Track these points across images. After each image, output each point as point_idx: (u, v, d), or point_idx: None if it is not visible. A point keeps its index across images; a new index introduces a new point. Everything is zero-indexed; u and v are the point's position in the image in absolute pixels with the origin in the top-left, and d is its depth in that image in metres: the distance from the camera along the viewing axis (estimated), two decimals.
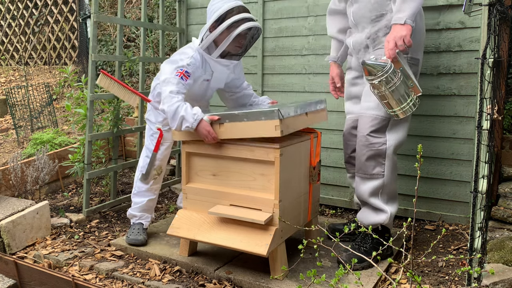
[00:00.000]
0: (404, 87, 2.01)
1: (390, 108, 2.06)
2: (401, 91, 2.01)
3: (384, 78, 1.97)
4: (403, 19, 2.03)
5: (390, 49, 2.02)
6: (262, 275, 2.18)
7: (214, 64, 2.44)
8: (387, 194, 2.31)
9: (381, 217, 2.29)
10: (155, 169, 2.60)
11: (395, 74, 1.98)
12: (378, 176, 2.26)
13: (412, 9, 2.03)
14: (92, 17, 2.86)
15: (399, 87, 2.00)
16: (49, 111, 4.73)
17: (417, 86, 2.05)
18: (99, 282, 2.26)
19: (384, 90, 2.00)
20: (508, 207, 2.54)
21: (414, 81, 2.05)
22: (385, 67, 1.97)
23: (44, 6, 6.05)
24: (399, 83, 1.99)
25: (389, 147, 2.24)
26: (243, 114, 2.10)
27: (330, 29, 2.57)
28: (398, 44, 2.01)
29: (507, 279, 1.89)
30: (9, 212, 2.65)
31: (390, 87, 1.99)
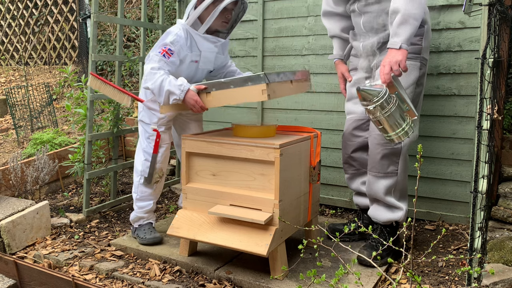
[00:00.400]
0: (399, 112, 2.02)
1: (386, 133, 2.08)
2: (396, 116, 2.01)
3: (379, 103, 1.98)
4: (398, 43, 2.03)
5: (385, 73, 2.02)
6: (262, 275, 2.18)
7: (201, 41, 2.42)
8: (400, 191, 2.35)
9: (398, 214, 2.33)
10: (156, 172, 2.59)
11: (390, 99, 1.99)
12: (392, 175, 2.30)
13: (407, 34, 2.03)
14: (92, 17, 2.86)
15: (394, 113, 2.00)
16: (49, 111, 4.73)
17: (413, 110, 2.05)
18: (99, 282, 2.26)
19: (379, 116, 2.02)
20: (508, 207, 2.54)
21: (410, 104, 2.05)
22: (380, 93, 1.97)
23: (44, 6, 6.05)
24: (394, 108, 2.00)
25: (404, 146, 2.29)
26: (229, 81, 2.16)
27: (332, 29, 2.56)
28: (394, 69, 2.02)
29: (507, 279, 1.89)
30: (9, 212, 2.65)
31: (385, 113, 2.00)
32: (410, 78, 2.24)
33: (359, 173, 2.57)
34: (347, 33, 2.52)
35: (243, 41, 3.49)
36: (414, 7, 2.01)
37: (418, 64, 2.26)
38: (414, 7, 2.01)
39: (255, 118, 3.48)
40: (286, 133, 2.42)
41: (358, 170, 2.57)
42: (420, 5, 2.03)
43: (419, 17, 2.03)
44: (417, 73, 2.26)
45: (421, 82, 2.30)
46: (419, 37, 2.24)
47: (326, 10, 2.55)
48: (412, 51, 2.23)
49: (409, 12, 2.01)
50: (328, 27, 2.58)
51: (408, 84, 2.24)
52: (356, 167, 2.56)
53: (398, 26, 2.04)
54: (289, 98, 3.32)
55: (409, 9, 2.01)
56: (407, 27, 2.03)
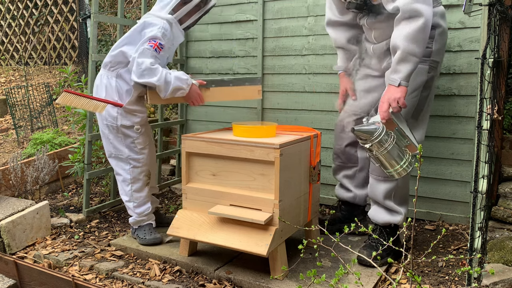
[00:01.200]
0: (397, 149, 2.02)
1: (385, 169, 2.09)
2: (394, 154, 2.02)
3: (376, 142, 1.99)
4: (397, 81, 2.02)
5: (384, 111, 2.03)
6: (262, 275, 2.18)
7: (178, 34, 2.52)
8: (400, 196, 2.34)
9: (396, 218, 2.33)
10: (145, 176, 2.59)
11: (387, 137, 2.00)
12: (392, 179, 2.29)
13: (406, 71, 2.01)
14: (92, 17, 2.86)
15: (391, 151, 2.01)
16: (49, 111, 4.73)
17: (414, 144, 2.05)
18: (99, 282, 2.26)
19: (375, 154, 2.03)
20: (508, 207, 2.54)
21: (411, 139, 2.05)
22: (376, 133, 1.99)
23: (44, 6, 6.05)
24: (392, 146, 2.00)
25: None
26: (229, 80, 2.53)
27: (338, 40, 2.50)
28: (392, 106, 2.02)
29: (507, 279, 1.89)
30: (9, 212, 2.65)
31: (382, 151, 2.01)
32: (416, 82, 2.20)
33: (344, 166, 2.63)
34: (353, 44, 2.49)
35: (243, 41, 3.49)
36: (413, 44, 1.98)
37: (427, 67, 2.22)
38: (413, 45, 1.98)
39: (255, 118, 3.48)
40: (286, 133, 2.42)
41: (344, 163, 2.62)
42: (420, 42, 1.99)
43: (418, 53, 2.01)
44: (424, 77, 2.22)
45: (429, 85, 2.25)
46: (429, 39, 2.17)
47: (331, 20, 2.50)
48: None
49: (409, 50, 1.99)
50: (333, 37, 2.52)
51: (413, 88, 2.20)
52: (343, 160, 2.61)
53: (398, 63, 2.02)
54: (289, 98, 3.33)
55: (408, 47, 1.98)
56: (407, 65, 2.01)
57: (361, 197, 2.66)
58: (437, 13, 2.21)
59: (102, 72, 2.54)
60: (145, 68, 2.27)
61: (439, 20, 2.21)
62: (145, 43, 2.33)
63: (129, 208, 2.62)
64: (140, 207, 2.61)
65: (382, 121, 2.03)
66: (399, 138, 2.04)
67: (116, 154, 2.55)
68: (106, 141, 2.57)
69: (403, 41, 1.99)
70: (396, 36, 2.03)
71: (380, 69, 2.39)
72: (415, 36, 1.97)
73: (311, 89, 3.24)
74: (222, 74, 3.61)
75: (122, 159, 2.55)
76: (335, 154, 2.66)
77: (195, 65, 3.73)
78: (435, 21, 2.17)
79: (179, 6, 2.45)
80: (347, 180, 2.66)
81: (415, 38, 1.98)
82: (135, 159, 2.54)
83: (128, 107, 2.48)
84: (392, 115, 2.03)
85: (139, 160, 2.56)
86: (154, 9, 2.49)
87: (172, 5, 2.44)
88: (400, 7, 1.99)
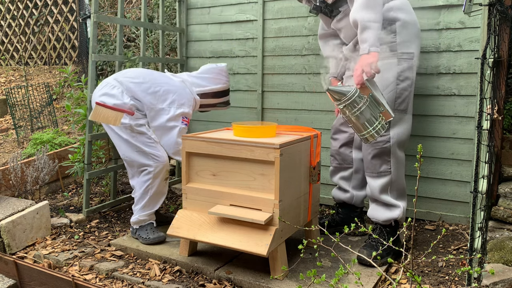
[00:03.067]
0: (370, 112, 2.06)
1: (359, 132, 2.12)
2: (367, 115, 2.05)
3: (348, 103, 2.03)
4: (366, 48, 2.08)
5: (357, 76, 2.07)
6: (262, 275, 2.18)
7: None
8: (397, 190, 2.38)
9: (395, 212, 2.35)
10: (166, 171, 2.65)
11: (360, 99, 2.04)
12: (385, 174, 2.34)
13: (372, 37, 2.08)
14: (92, 17, 2.86)
15: (364, 112, 2.05)
16: (49, 111, 4.73)
17: (388, 112, 2.09)
18: (99, 282, 2.26)
19: (348, 115, 2.06)
20: (508, 207, 2.54)
21: (386, 106, 2.08)
22: (348, 94, 2.03)
23: (44, 6, 6.05)
24: (364, 108, 2.04)
25: (392, 144, 2.30)
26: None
27: (325, 50, 2.66)
28: (366, 71, 2.06)
29: (507, 279, 1.89)
30: (9, 212, 2.65)
31: (353, 112, 2.05)
32: (388, 76, 2.25)
33: (340, 167, 2.67)
34: (338, 51, 2.58)
35: (243, 41, 3.49)
36: (367, 11, 2.07)
37: (395, 60, 2.27)
38: (367, 12, 2.07)
39: (255, 118, 3.48)
40: (286, 133, 2.42)
41: (340, 164, 2.67)
42: (373, 7, 2.08)
43: (376, 18, 2.09)
44: (395, 69, 2.27)
45: (405, 77, 2.28)
46: (392, 34, 2.26)
47: (321, 33, 2.67)
48: (386, 49, 2.25)
49: (365, 18, 2.07)
50: (322, 48, 2.69)
51: (388, 82, 2.26)
52: (339, 161, 2.66)
53: (361, 33, 2.10)
54: (289, 98, 3.33)
55: (364, 16, 2.08)
56: (369, 32, 2.08)
57: (358, 198, 2.67)
58: (392, 7, 2.27)
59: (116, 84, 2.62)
60: (180, 149, 2.52)
61: (396, 14, 2.27)
62: (180, 118, 2.60)
63: (137, 206, 2.63)
64: (149, 208, 2.63)
65: (357, 86, 2.08)
66: (374, 104, 2.07)
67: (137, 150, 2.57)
68: (122, 143, 2.59)
69: (358, 12, 2.10)
70: (352, 12, 2.15)
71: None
72: (367, 3, 2.09)
73: (311, 89, 3.24)
74: None
75: (144, 155, 2.57)
76: (331, 156, 2.72)
77: (195, 65, 3.73)
78: (392, 16, 2.26)
79: (208, 96, 2.79)
80: (344, 181, 2.68)
81: (368, 5, 2.08)
82: (155, 155, 2.57)
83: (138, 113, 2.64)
84: (366, 82, 2.06)
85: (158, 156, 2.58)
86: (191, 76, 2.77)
87: (204, 90, 2.76)
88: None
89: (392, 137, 2.29)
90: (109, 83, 2.63)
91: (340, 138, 2.63)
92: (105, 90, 2.60)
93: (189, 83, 2.73)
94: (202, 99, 2.77)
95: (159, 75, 2.72)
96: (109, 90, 2.59)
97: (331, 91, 2.07)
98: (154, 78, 2.65)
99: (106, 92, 2.59)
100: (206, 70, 2.82)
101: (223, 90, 2.86)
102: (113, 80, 2.64)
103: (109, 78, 2.68)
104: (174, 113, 2.58)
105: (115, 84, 2.62)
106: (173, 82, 2.68)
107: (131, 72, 2.71)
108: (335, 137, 2.67)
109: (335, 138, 2.67)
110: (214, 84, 2.80)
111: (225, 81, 2.86)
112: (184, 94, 2.65)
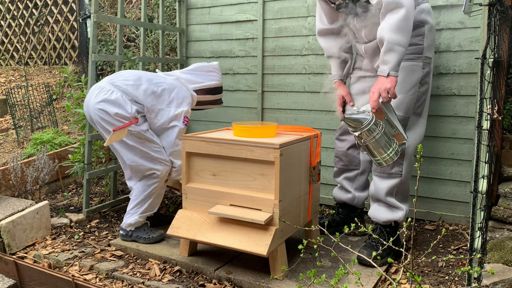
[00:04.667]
0: (385, 138, 2.08)
1: (374, 157, 2.14)
2: (381, 142, 2.08)
3: (365, 130, 2.05)
4: (386, 71, 2.07)
5: (374, 100, 2.07)
6: (262, 275, 2.18)
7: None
8: (402, 193, 2.38)
9: (397, 214, 2.35)
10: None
11: (376, 126, 2.06)
12: (396, 176, 2.33)
13: (394, 61, 2.06)
14: (92, 17, 2.86)
15: (379, 139, 2.07)
16: (49, 111, 4.73)
17: (402, 134, 2.11)
18: (99, 282, 2.26)
19: (364, 142, 2.08)
20: (508, 207, 2.54)
21: (399, 129, 2.10)
22: (365, 121, 2.05)
23: (44, 6, 6.05)
24: (380, 135, 2.06)
25: (408, 147, 2.31)
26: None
27: (330, 49, 2.52)
28: (382, 96, 2.05)
29: (507, 279, 1.89)
30: (9, 212, 2.65)
31: (370, 139, 2.07)
32: (413, 78, 2.26)
33: (346, 169, 2.66)
34: (345, 52, 2.52)
35: (243, 41, 3.49)
36: (398, 34, 2.04)
37: (421, 64, 2.27)
38: (398, 35, 2.04)
39: (255, 118, 3.48)
40: (286, 133, 2.42)
41: (346, 166, 2.65)
42: (404, 31, 2.04)
43: (404, 42, 2.05)
44: (420, 73, 2.27)
45: (425, 81, 2.31)
46: (420, 36, 2.25)
47: (321, 29, 2.52)
48: (414, 51, 2.25)
49: (393, 40, 2.04)
50: (325, 46, 2.54)
51: (411, 85, 2.26)
52: (345, 163, 2.64)
53: (385, 54, 2.07)
54: (289, 98, 3.32)
55: (393, 37, 2.04)
56: (393, 55, 2.05)
57: (359, 199, 2.67)
58: (424, 10, 2.26)
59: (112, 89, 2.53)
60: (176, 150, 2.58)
61: (426, 16, 2.27)
62: (181, 118, 2.58)
63: (138, 208, 2.61)
64: (149, 208, 2.63)
65: (372, 110, 2.07)
66: (388, 128, 2.09)
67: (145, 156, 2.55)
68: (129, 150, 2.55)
69: (388, 32, 2.05)
70: (381, 28, 2.09)
71: (372, 69, 2.42)
72: (399, 26, 2.03)
73: (311, 89, 3.24)
74: (222, 74, 3.61)
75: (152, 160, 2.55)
76: (337, 157, 2.68)
77: None
78: (423, 18, 2.25)
79: (203, 92, 2.77)
80: (347, 182, 2.67)
81: (399, 28, 2.03)
82: (163, 159, 2.58)
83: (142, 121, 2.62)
84: (382, 105, 2.07)
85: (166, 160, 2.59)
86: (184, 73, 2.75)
87: (200, 86, 2.75)
88: (383, 1, 2.06)
89: (407, 140, 2.29)
90: (104, 88, 2.51)
91: (348, 140, 2.60)
92: (103, 96, 2.48)
93: (184, 80, 2.71)
94: (199, 96, 2.75)
95: (153, 75, 2.66)
96: (107, 96, 2.48)
97: (348, 120, 2.08)
98: (149, 79, 2.60)
99: (105, 98, 2.48)
100: (200, 67, 2.81)
101: (218, 86, 2.85)
102: (108, 85, 2.53)
103: (102, 83, 2.56)
104: (175, 112, 2.57)
105: (111, 88, 2.51)
106: (168, 81, 2.65)
107: (124, 74, 2.61)
108: (343, 138, 2.63)
109: (343, 140, 2.63)
110: (209, 81, 2.79)
111: (219, 77, 2.86)
112: (181, 92, 2.63)
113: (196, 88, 2.74)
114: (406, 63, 2.24)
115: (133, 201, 2.63)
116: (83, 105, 3.09)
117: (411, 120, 2.31)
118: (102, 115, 2.48)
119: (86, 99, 2.60)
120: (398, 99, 2.23)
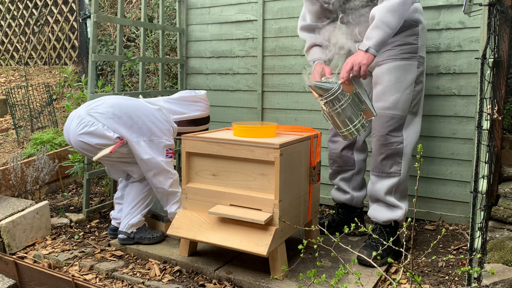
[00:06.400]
0: (351, 110, 2.04)
1: (338, 129, 2.11)
2: (347, 114, 2.04)
3: (330, 100, 2.02)
4: (366, 46, 2.06)
5: (346, 71, 2.05)
6: (262, 275, 2.18)
7: None
8: (401, 191, 2.38)
9: (397, 213, 2.35)
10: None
11: (342, 97, 2.01)
12: (395, 175, 2.33)
13: (378, 39, 2.05)
14: (92, 17, 2.86)
15: (345, 110, 2.03)
16: (49, 111, 4.73)
17: (371, 110, 2.08)
18: (99, 282, 2.26)
19: (329, 111, 2.05)
20: (508, 207, 2.54)
21: (369, 105, 2.07)
22: (331, 90, 2.01)
23: (44, 6, 6.05)
24: (345, 106, 2.02)
25: (406, 146, 2.31)
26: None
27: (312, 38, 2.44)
28: (354, 69, 2.04)
29: (507, 279, 1.89)
30: (9, 212, 2.65)
31: (334, 110, 2.03)
32: (409, 78, 2.27)
33: (341, 170, 2.65)
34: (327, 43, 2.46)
35: (243, 41, 3.49)
36: (390, 15, 2.04)
37: (416, 63, 2.29)
38: (390, 15, 2.04)
39: (255, 118, 3.48)
40: (286, 133, 2.42)
41: (341, 167, 2.65)
42: (397, 14, 2.04)
43: (393, 25, 2.05)
44: (415, 72, 2.29)
45: (420, 80, 2.32)
46: (414, 36, 2.26)
47: (305, 25, 2.49)
48: (409, 50, 2.26)
49: (384, 19, 2.04)
50: (307, 37, 2.48)
51: (407, 84, 2.27)
52: (340, 164, 2.64)
53: (371, 29, 2.07)
54: (289, 98, 3.32)
55: (385, 16, 2.04)
56: (379, 32, 2.05)
57: (358, 199, 2.67)
58: (417, 9, 2.27)
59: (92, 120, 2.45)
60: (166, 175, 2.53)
61: (419, 16, 2.28)
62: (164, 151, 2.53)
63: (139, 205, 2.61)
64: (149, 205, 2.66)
65: (341, 80, 2.05)
66: (356, 102, 2.06)
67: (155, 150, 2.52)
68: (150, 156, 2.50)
69: (382, 10, 2.05)
70: (376, 7, 2.09)
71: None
72: (394, 7, 2.04)
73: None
74: (222, 74, 3.61)
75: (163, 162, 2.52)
76: (331, 159, 2.68)
77: (195, 65, 3.74)
78: (417, 17, 2.26)
79: (185, 123, 2.73)
80: (344, 182, 2.67)
81: (393, 9, 2.04)
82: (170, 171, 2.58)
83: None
84: (352, 79, 2.05)
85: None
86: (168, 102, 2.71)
87: (181, 118, 2.71)
88: None
89: (405, 138, 2.30)
90: (84, 119, 2.42)
91: (341, 141, 2.59)
92: (84, 129, 2.40)
93: (166, 110, 2.65)
94: (180, 127, 2.70)
95: (134, 105, 2.54)
96: (87, 128, 2.40)
97: (313, 87, 2.04)
98: (128, 111, 2.48)
99: (86, 131, 2.40)
100: (184, 96, 2.75)
101: (203, 117, 2.81)
102: (87, 116, 2.43)
103: (81, 111, 2.46)
104: (157, 146, 2.50)
105: (91, 120, 2.42)
106: (149, 112, 2.54)
107: (103, 104, 2.48)
108: (335, 139, 2.62)
109: (335, 141, 2.62)
110: (192, 111, 2.75)
111: (205, 108, 2.80)
112: (162, 124, 2.55)
113: (178, 120, 2.70)
114: (402, 63, 2.25)
115: (132, 201, 2.61)
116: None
117: (407, 119, 2.31)
118: (84, 146, 2.43)
119: (66, 126, 2.51)
120: (394, 98, 2.24)
